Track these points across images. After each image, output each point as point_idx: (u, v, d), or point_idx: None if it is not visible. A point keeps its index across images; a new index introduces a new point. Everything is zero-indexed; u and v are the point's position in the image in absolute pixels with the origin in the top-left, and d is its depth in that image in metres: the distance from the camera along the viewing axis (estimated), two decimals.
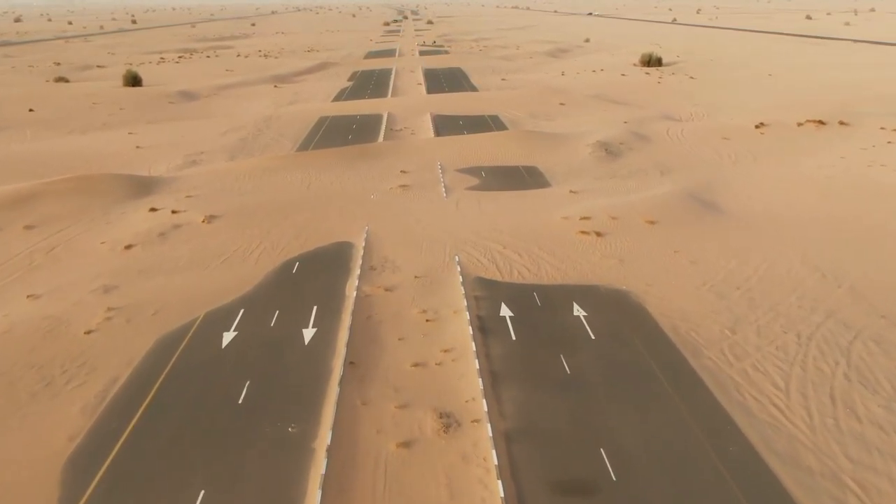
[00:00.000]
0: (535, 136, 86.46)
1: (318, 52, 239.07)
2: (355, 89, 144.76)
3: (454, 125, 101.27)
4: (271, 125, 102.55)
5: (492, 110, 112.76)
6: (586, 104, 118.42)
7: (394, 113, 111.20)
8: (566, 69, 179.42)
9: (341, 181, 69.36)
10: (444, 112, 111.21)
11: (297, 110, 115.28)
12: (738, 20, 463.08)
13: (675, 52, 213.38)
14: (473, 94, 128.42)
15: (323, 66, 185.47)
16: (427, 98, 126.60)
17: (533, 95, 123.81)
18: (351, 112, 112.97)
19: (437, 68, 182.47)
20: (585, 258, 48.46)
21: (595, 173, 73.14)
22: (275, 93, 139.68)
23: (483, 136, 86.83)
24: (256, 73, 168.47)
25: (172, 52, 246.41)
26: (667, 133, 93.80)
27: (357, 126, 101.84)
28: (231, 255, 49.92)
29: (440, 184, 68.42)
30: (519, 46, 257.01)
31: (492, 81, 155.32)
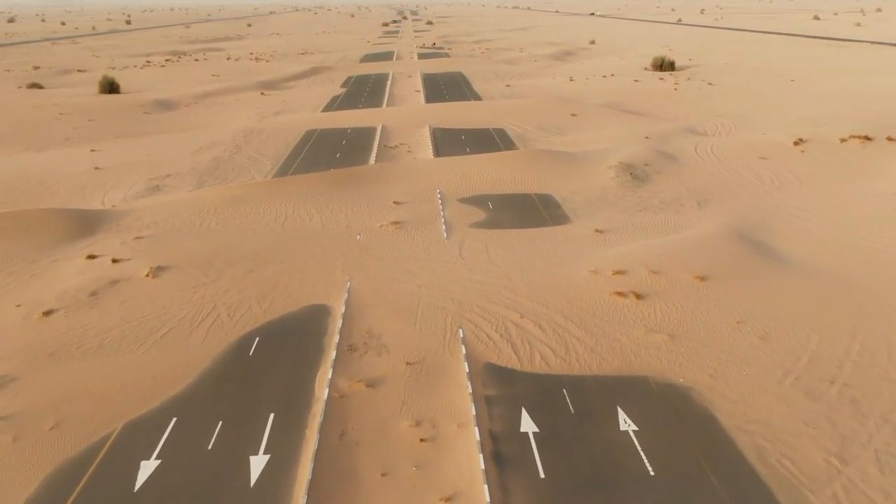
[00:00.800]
0: (549, 156, 75.80)
1: (312, 56, 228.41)
2: (348, 97, 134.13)
3: (456, 141, 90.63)
4: (251, 141, 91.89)
5: (497, 122, 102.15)
6: (600, 115, 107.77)
7: (389, 125, 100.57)
8: (574, 74, 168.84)
9: (323, 215, 58.67)
10: (444, 124, 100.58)
11: (282, 122, 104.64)
12: (743, 20, 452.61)
13: (687, 55, 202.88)
14: (476, 104, 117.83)
15: (315, 71, 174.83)
16: (426, 108, 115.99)
17: (541, 105, 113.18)
18: (341, 124, 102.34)
19: (437, 73, 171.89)
20: (626, 332, 37.83)
21: (621, 204, 62.48)
22: (260, 101, 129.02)
23: (489, 156, 76.08)
24: (243, 79, 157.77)
25: (160, 55, 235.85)
26: (695, 151, 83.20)
27: (347, 142, 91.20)
28: (174, 326, 39.28)
29: (440, 219, 57.78)
30: (522, 49, 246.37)
31: (495, 88, 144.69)
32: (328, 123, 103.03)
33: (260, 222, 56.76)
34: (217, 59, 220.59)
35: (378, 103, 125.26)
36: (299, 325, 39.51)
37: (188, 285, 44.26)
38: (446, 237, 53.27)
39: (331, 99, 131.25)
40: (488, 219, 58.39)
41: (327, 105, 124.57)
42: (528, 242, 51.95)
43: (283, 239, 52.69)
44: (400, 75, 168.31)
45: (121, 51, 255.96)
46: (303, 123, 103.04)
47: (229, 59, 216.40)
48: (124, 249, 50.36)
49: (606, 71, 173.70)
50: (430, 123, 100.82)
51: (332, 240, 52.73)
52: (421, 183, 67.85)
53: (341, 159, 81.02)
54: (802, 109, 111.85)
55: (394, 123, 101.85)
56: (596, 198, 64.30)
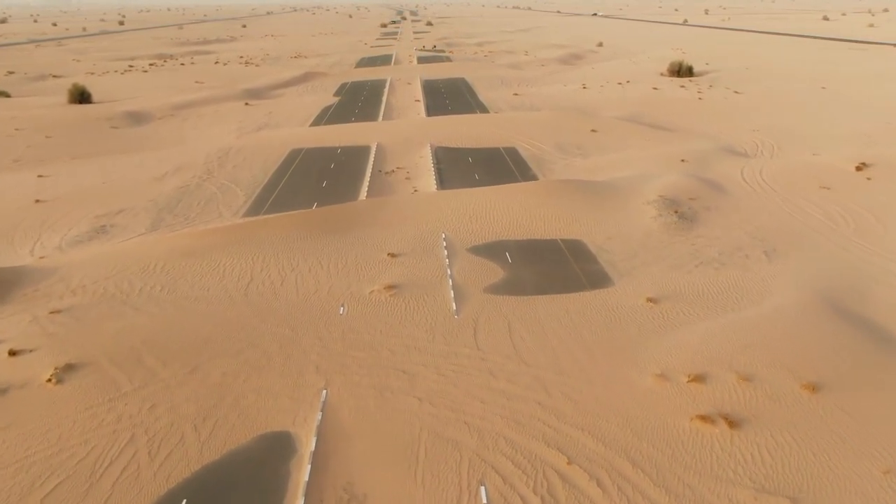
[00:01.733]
0: (574, 188, 63.55)
1: (306, 59, 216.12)
2: (341, 108, 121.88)
3: (462, 164, 78.49)
4: (226, 163, 79.70)
5: (508, 140, 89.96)
6: (624, 131, 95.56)
7: (385, 144, 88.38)
8: (586, 80, 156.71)
9: (298, 275, 46.46)
10: (448, 142, 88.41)
11: (265, 139, 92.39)
12: (750, 21, 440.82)
13: (701, 59, 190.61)
14: (482, 117, 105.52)
15: (307, 77, 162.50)
16: (427, 122, 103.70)
17: (556, 119, 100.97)
18: (331, 142, 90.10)
19: (438, 79, 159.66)
20: (726, 494, 25.64)
21: (670, 255, 50.30)
22: (244, 113, 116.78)
23: (504, 189, 63.76)
24: (228, 87, 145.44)
25: (145, 59, 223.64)
26: (742, 177, 71.13)
27: (337, 165, 79.01)
28: (67, 477, 27.06)
29: (447, 280, 45.59)
30: (527, 52, 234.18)
31: (502, 97, 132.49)
32: (316, 141, 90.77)
33: (217, 286, 44.48)
34: (204, 62, 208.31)
35: (373, 115, 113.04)
36: (248, 473, 27.28)
37: (101, 398, 32.04)
38: (456, 311, 41.01)
39: (321, 110, 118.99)
40: (508, 279, 46.15)
41: (317, 118, 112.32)
42: (562, 319, 39.71)
43: (242, 315, 40.41)
44: (398, 82, 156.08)
45: (105, 54, 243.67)
46: (288, 141, 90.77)
47: (217, 63, 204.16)
48: (32, 332, 38.11)
49: (620, 77, 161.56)
50: (432, 141, 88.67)
51: (307, 315, 40.48)
52: (422, 225, 55.61)
53: (328, 189, 68.85)
54: (849, 123, 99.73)
55: (391, 141, 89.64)
56: (638, 245, 52.09)
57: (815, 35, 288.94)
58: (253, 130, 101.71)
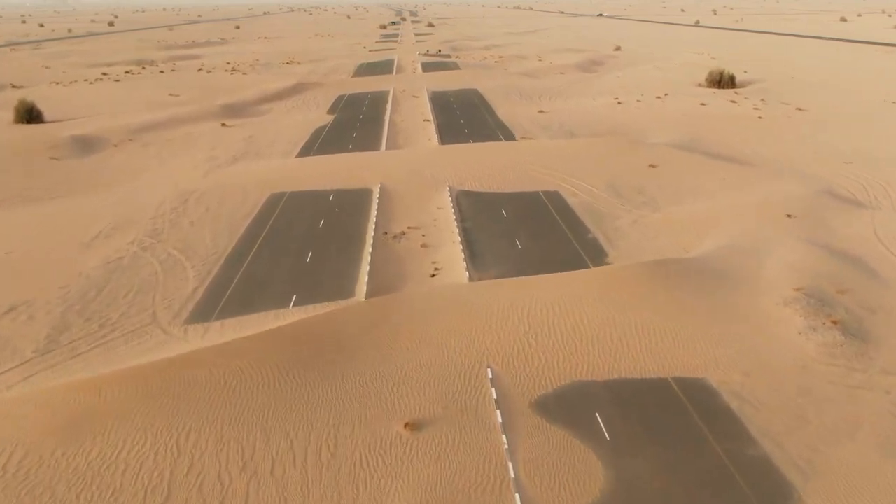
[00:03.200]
0: (670, 278, 43.93)
1: (299, 66, 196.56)
2: (336, 130, 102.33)
3: (495, 219, 59.08)
4: (182, 218, 60.24)
5: (547, 179, 70.61)
6: (689, 165, 76.19)
7: (391, 185, 69.01)
8: (615, 91, 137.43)
9: (253, 482, 26.89)
10: (472, 183, 69.13)
11: (238, 179, 72.89)
12: (765, 22, 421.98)
13: (733, 64, 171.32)
14: (510, 146, 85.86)
15: (298, 89, 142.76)
16: (441, 152, 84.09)
17: (601, 148, 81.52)
18: (322, 183, 70.68)
19: (447, 91, 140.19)
20: None
21: (861, 416, 30.90)
22: (219, 136, 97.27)
23: (566, 279, 44.05)
24: (206, 100, 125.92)
25: (123, 65, 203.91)
26: (882, 243, 51.88)
27: (327, 222, 59.50)
28: None
29: (510, 490, 26.09)
30: (541, 57, 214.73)
31: (525, 114, 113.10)
32: (303, 181, 71.30)
33: None
34: (187, 70, 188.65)
35: (374, 141, 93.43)
36: None
37: None
38: None
39: (312, 133, 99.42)
40: (612, 480, 26.69)
41: (307, 144, 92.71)
42: None
43: None
44: (402, 94, 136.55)
45: (82, 59, 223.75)
46: (267, 180, 71.32)
47: (201, 71, 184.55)
48: None
49: (653, 87, 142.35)
50: (452, 183, 69.34)
51: None
52: (453, 350, 36.09)
53: (314, 267, 49.38)
54: None
55: (397, 181, 70.27)
56: (797, 394, 32.65)
57: (840, 38, 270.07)
58: (226, 162, 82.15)
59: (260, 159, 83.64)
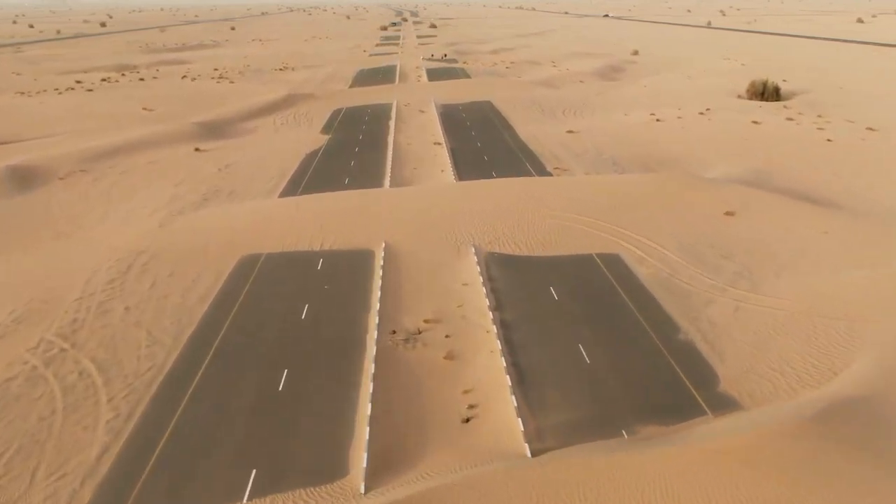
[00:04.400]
0: (845, 450, 27.86)
1: (292, 73, 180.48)
2: (330, 157, 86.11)
3: (543, 307, 42.89)
4: (113, 303, 44.11)
5: (599, 235, 54.50)
6: (773, 211, 59.95)
7: (398, 245, 52.97)
8: (649, 104, 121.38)
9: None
10: (503, 243, 53.04)
11: (202, 231, 56.73)
12: (779, 24, 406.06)
13: (777, 73, 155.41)
14: (543, 184, 69.30)
15: (289, 101, 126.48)
16: (459, 192, 67.65)
17: (659, 189, 65.19)
18: (310, 238, 54.55)
19: (458, 104, 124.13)
20: None
21: None
22: (189, 166, 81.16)
23: (683, 457, 27.87)
24: (182, 116, 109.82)
25: (101, 72, 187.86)
26: None
27: (312, 310, 43.31)
28: None
29: None
30: (555, 62, 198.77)
31: (551, 135, 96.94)
32: (284, 236, 55.15)
33: None
34: (170, 77, 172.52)
35: (376, 174, 77.21)
36: None
37: None
38: None
39: (302, 162, 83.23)
40: None
41: (295, 176, 76.55)
42: None
43: None
44: (407, 108, 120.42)
45: (59, 64, 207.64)
46: (237, 236, 55.21)
47: (185, 78, 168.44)
48: None
49: (689, 99, 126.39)
50: (477, 240, 53.33)
51: None
52: None
53: (285, 409, 33.19)
54: None
55: (407, 238, 54.21)
56: None
57: (867, 41, 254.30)
58: (192, 205, 65.94)
59: (234, 200, 67.47)
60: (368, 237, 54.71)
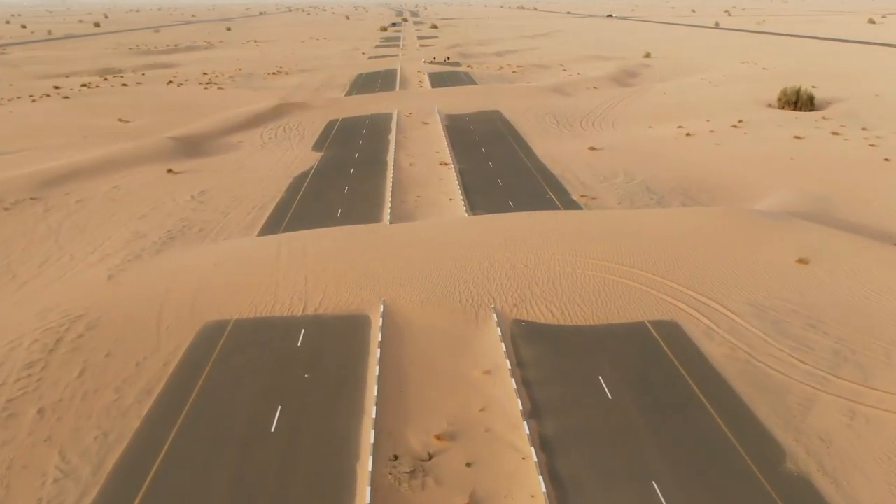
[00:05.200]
0: None
1: (286, 77, 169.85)
2: (320, 182, 75.27)
3: (591, 408, 32.19)
4: (24, 406, 33.45)
5: (648, 291, 43.80)
6: (856, 257, 49.26)
7: (399, 308, 42.31)
8: (674, 114, 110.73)
9: None
10: (532, 304, 42.36)
11: (158, 285, 46.06)
12: (790, 25, 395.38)
13: (803, 78, 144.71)
14: (571, 220, 58.25)
15: (279, 112, 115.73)
16: (472, 230, 56.76)
17: (713, 228, 54.47)
18: (290, 294, 43.87)
19: (464, 115, 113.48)
20: None
21: None
22: (158, 192, 70.38)
23: None
24: (161, 129, 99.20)
25: (85, 75, 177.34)
26: None
27: (285, 419, 32.51)
28: None
29: None
30: (565, 66, 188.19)
31: (572, 153, 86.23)
32: (260, 291, 44.46)
33: None
34: (155, 82, 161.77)
35: (374, 203, 66.40)
36: None
37: None
38: None
39: (289, 188, 72.43)
40: None
41: (279, 207, 65.71)
42: None
43: None
44: (409, 120, 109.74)
45: (41, 67, 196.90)
46: (201, 297, 44.46)
47: (171, 84, 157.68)
48: None
49: (715, 108, 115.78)
50: (499, 301, 42.69)
51: None
52: None
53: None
54: None
55: (409, 295, 43.56)
56: None
57: (882, 42, 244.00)
58: (153, 246, 55.18)
59: (205, 239, 56.75)
60: (363, 295, 44.05)
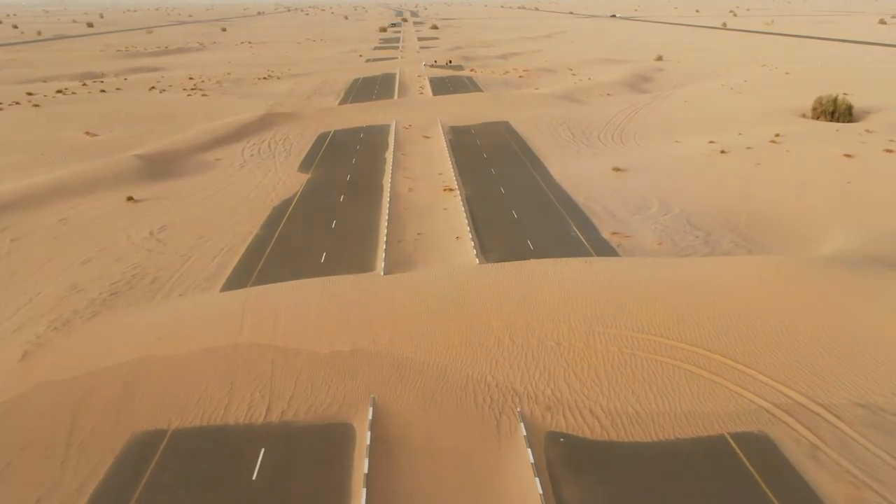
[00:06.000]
0: None
1: (278, 81, 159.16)
2: (303, 214, 64.29)
3: None
4: None
5: (720, 384, 33.13)
6: None
7: (392, 409, 31.59)
8: (702, 126, 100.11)
9: None
10: (571, 411, 31.59)
11: (85, 377, 35.33)
12: (800, 26, 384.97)
13: (832, 84, 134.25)
14: (608, 268, 47.63)
15: (265, 123, 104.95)
16: (487, 289, 45.91)
17: (790, 288, 43.84)
18: (247, 403, 33.17)
19: (470, 127, 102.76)
20: None
21: None
22: (110, 229, 59.53)
23: None
24: (131, 144, 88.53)
25: (65, 80, 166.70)
26: None
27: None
28: None
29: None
30: (574, 70, 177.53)
31: (594, 176, 75.51)
32: (212, 391, 33.75)
33: None
34: (136, 88, 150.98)
35: (365, 244, 55.56)
36: None
37: None
38: None
39: (267, 220, 61.50)
40: None
41: (251, 249, 54.79)
42: None
43: None
44: (408, 133, 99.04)
45: (18, 71, 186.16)
46: (134, 391, 33.77)
47: (153, 89, 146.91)
48: None
49: (744, 118, 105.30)
50: (525, 401, 31.95)
51: None
52: None
53: None
54: None
55: (405, 389, 32.85)
56: None
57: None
58: (90, 306, 44.36)
59: (156, 294, 45.94)
60: (346, 390, 33.31)
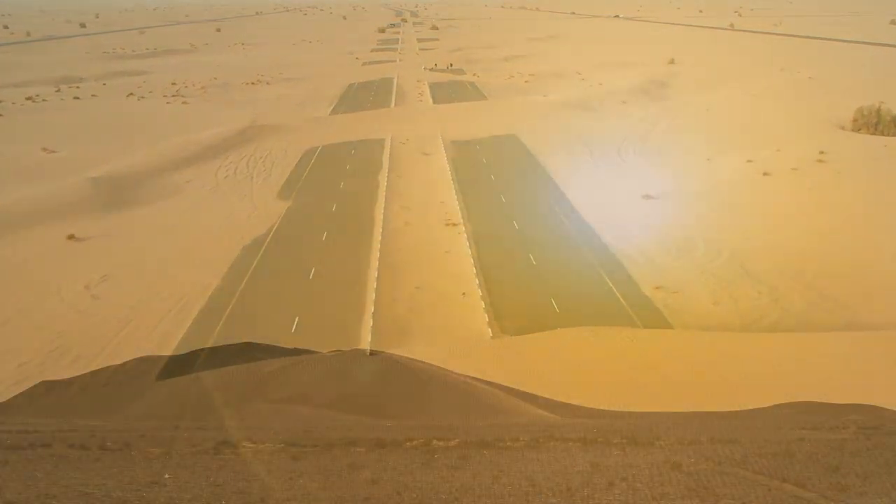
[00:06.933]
0: None
1: (267, 86, 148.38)
2: (274, 261, 53.40)
3: None
4: None
5: None
6: None
7: None
8: (733, 141, 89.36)
9: None
10: None
11: None
12: (810, 27, 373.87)
13: (862, 91, 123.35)
14: (659, 342, 37.02)
15: (245, 137, 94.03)
16: (508, 370, 35.23)
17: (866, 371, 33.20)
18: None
19: (474, 142, 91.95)
20: None
21: None
22: (36, 282, 48.69)
23: None
24: (90, 162, 77.73)
25: (40, 85, 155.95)
26: None
27: None
28: None
29: None
30: (583, 74, 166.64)
31: (622, 207, 64.57)
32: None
33: None
34: (114, 94, 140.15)
35: (347, 307, 44.74)
36: None
37: None
38: None
39: (232, 266, 50.59)
40: None
41: (207, 310, 43.91)
42: None
43: None
44: (405, 148, 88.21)
45: None
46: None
47: (131, 96, 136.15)
48: None
49: (782, 134, 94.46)
50: None
51: None
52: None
53: None
54: None
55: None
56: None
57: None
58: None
59: (68, 382, 35.08)
60: None
